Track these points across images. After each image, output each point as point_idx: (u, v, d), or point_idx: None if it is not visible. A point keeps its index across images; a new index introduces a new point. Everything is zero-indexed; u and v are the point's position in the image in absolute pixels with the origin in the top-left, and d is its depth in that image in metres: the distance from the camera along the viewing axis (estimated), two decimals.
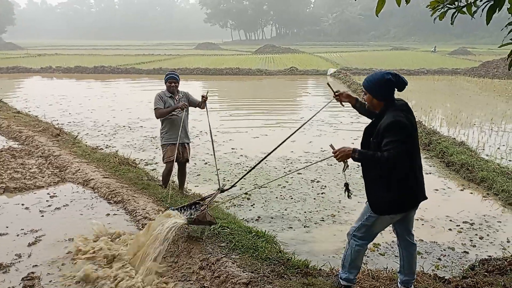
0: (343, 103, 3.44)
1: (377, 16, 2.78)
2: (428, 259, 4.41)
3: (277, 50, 51.41)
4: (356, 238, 3.11)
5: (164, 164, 5.64)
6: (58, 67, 28.29)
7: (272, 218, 5.43)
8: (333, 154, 2.95)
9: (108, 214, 5.00)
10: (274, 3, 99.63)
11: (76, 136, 9.03)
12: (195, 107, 5.68)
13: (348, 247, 3.15)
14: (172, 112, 5.38)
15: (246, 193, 6.29)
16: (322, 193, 6.29)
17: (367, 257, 4.38)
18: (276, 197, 6.12)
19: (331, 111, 13.63)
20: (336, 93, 3.42)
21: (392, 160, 2.75)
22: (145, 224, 4.53)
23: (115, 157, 7.03)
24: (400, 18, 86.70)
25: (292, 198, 6.10)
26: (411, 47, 60.95)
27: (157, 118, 5.45)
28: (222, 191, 4.42)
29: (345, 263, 3.17)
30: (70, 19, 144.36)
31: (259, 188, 6.49)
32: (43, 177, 6.23)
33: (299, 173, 7.27)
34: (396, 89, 2.98)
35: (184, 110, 5.46)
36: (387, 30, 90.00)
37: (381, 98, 2.96)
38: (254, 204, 5.92)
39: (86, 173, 6.19)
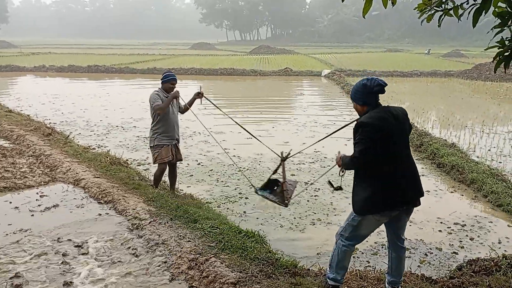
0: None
1: (364, 18, 2.80)
2: (416, 254, 4.49)
3: (272, 51, 51.48)
4: (343, 238, 3.12)
5: (156, 165, 5.59)
6: (52, 66, 28.13)
7: (264, 219, 5.44)
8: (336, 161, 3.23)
9: (99, 214, 4.98)
10: (269, 3, 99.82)
11: (68, 136, 8.99)
12: (179, 111, 5.59)
13: (335, 247, 3.16)
14: (168, 106, 5.25)
15: (240, 193, 6.31)
16: (315, 196, 6.29)
17: (356, 257, 4.41)
18: None
19: (325, 112, 13.71)
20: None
21: (358, 156, 2.91)
22: (135, 224, 4.53)
23: (107, 157, 7.01)
24: (395, 20, 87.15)
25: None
26: (405, 49, 61.24)
27: (158, 112, 5.18)
28: (285, 158, 4.50)
29: (332, 263, 3.18)
30: (63, 18, 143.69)
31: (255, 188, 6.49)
32: (34, 177, 6.19)
33: (292, 175, 7.28)
34: (377, 92, 3.02)
35: (175, 111, 5.44)
36: (381, 32, 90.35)
37: (362, 103, 3.07)
38: (248, 203, 5.94)
39: (77, 173, 6.16)
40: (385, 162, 2.92)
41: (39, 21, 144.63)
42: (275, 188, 4.35)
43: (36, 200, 5.39)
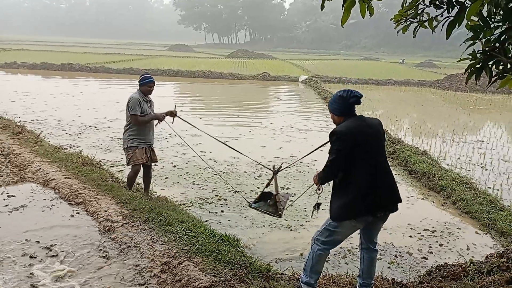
0: None
1: (342, 27, 2.85)
2: (386, 256, 4.61)
3: (250, 55, 51.64)
4: (318, 242, 3.15)
5: (129, 166, 5.52)
6: (24, 63, 27.34)
7: (237, 221, 5.43)
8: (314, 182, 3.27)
9: (70, 216, 4.85)
10: (248, 8, 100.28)
11: (39, 135, 8.74)
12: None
13: (311, 250, 3.19)
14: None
15: (217, 195, 6.27)
16: (290, 201, 6.29)
17: (329, 262, 4.45)
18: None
19: (301, 116, 13.82)
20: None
21: (329, 166, 3.03)
22: (107, 226, 4.43)
23: (79, 157, 6.85)
24: (372, 30, 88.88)
25: None
26: (381, 58, 62.53)
27: (137, 124, 5.23)
28: (277, 171, 4.57)
29: (306, 267, 3.21)
30: (38, 14, 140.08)
31: (234, 193, 6.46)
32: (1, 176, 5.98)
33: (269, 179, 7.28)
34: (353, 104, 3.10)
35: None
36: (358, 40, 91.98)
37: (339, 113, 3.15)
38: (224, 204, 5.92)
39: (47, 173, 5.98)
40: (359, 170, 2.98)
41: (12, 18, 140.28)
42: (268, 201, 4.45)
43: (4, 199, 5.19)
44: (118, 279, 3.53)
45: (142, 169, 5.69)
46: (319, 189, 3.29)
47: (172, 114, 5.48)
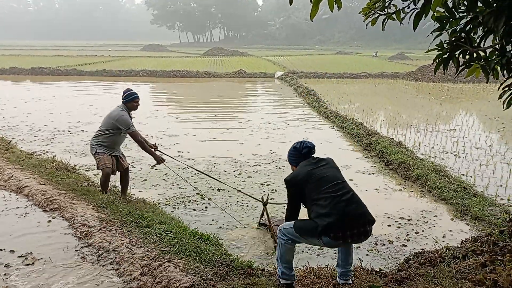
0: None
1: (312, 21, 2.86)
2: (365, 243, 4.66)
3: (225, 53, 51.47)
4: (282, 234, 3.19)
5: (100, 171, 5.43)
6: None
7: (216, 219, 5.41)
8: None
9: (47, 222, 4.73)
10: (222, 6, 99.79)
11: (10, 141, 8.50)
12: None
13: (278, 241, 3.24)
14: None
15: (198, 193, 6.26)
16: (271, 198, 6.29)
17: (310, 253, 4.49)
18: (235, 204, 6.05)
19: (278, 112, 13.86)
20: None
21: (288, 215, 3.27)
22: (84, 231, 4.35)
23: (53, 163, 6.69)
24: (344, 24, 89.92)
25: (247, 205, 6.03)
26: (354, 51, 63.31)
27: (137, 141, 5.28)
28: (266, 203, 4.90)
29: (277, 258, 3.26)
30: (5, 18, 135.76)
31: (218, 191, 6.46)
32: None
33: (249, 177, 7.28)
34: (305, 154, 3.29)
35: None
36: (331, 35, 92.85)
37: (295, 164, 3.38)
38: (204, 202, 5.89)
39: (19, 180, 5.82)
40: (321, 204, 2.99)
41: None
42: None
43: None
44: (97, 285, 3.47)
45: (119, 173, 5.61)
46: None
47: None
